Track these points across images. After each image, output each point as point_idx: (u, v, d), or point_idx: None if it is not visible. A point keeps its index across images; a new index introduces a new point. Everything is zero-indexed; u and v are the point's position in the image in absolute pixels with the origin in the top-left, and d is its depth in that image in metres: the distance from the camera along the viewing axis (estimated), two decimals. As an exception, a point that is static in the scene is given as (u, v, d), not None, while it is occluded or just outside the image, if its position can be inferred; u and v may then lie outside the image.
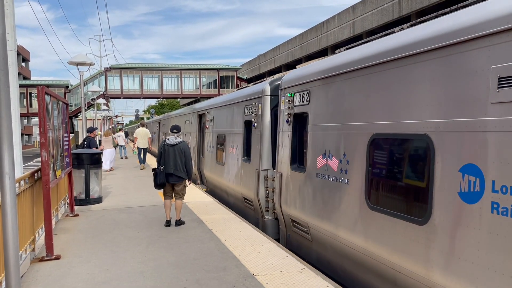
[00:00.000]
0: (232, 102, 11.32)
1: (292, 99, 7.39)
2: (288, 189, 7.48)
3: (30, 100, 51.52)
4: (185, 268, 5.75)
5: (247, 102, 9.90)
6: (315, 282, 5.19)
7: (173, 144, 8.16)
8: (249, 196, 9.48)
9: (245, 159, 9.97)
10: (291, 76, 7.70)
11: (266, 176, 8.65)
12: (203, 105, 15.70)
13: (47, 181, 6.35)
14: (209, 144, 13.89)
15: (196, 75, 54.08)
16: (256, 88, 9.49)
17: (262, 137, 8.82)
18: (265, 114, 8.84)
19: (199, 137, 15.97)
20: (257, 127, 9.08)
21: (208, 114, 14.32)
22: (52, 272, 5.73)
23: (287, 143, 7.60)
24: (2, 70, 3.68)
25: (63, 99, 8.64)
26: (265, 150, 8.72)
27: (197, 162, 15.79)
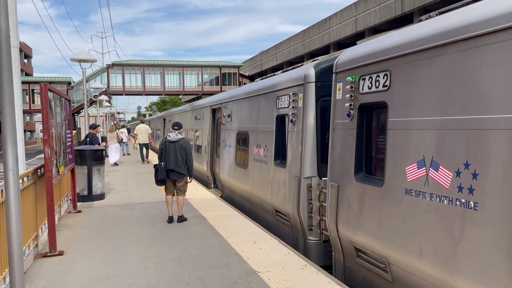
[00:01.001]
0: (259, 93, 9.41)
1: (357, 85, 5.54)
2: (350, 206, 5.61)
3: (32, 96, 51.59)
4: (187, 265, 5.77)
5: (281, 92, 8.06)
6: (317, 278, 5.20)
7: (174, 141, 8.23)
8: (284, 209, 7.69)
9: (278, 163, 8.16)
10: (354, 54, 5.79)
11: (309, 185, 6.97)
12: (218, 98, 13.75)
13: (50, 177, 6.38)
14: (226, 143, 11.91)
15: (198, 72, 54.05)
16: (295, 74, 7.66)
17: (304, 135, 7.07)
18: (309, 106, 7.04)
19: (212, 135, 14.03)
20: (296, 123, 7.36)
21: (224, 108, 12.24)
22: (55, 268, 5.76)
23: (348, 144, 5.70)
24: (5, 67, 3.69)
25: (65, 95, 8.66)
26: (308, 153, 6.99)
27: (210, 163, 14.01)
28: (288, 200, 7.49)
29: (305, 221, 7.05)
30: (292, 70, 8.11)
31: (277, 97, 8.27)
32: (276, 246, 6.60)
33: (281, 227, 8.09)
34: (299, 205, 7.06)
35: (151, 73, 52.67)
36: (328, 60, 7.15)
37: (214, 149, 13.86)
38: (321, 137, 7.04)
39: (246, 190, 10.01)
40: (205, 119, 15.08)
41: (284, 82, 8.04)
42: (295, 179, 7.25)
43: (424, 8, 25.37)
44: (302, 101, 7.19)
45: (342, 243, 5.90)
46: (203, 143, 15.05)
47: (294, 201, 7.20)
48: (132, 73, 52.04)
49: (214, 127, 13.95)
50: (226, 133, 11.96)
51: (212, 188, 13.59)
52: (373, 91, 5.30)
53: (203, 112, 15.41)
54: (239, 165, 10.52)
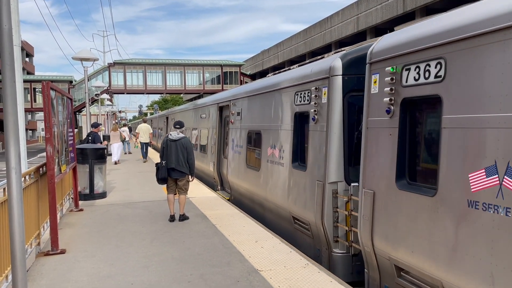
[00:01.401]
0: (273, 88, 8.56)
1: (399, 76, 4.80)
2: (390, 217, 4.80)
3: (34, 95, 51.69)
4: (189, 263, 5.78)
5: (300, 88, 7.28)
6: (319, 277, 5.21)
7: (176, 139, 8.26)
8: (304, 217, 6.94)
9: (297, 165, 7.39)
10: (395, 41, 4.98)
11: (335, 191, 6.19)
12: (226, 95, 12.88)
13: (52, 176, 6.39)
14: (236, 143, 11.09)
15: (200, 70, 54.08)
16: (317, 67, 6.86)
17: (329, 135, 6.30)
18: (334, 102, 6.26)
19: (219, 134, 13.22)
20: (318, 121, 6.60)
21: (233, 105, 11.43)
22: (57, 266, 5.77)
23: (387, 145, 4.93)
24: (8, 65, 3.70)
25: (67, 94, 8.67)
26: (334, 155, 6.22)
27: (217, 164, 13.18)
28: (309, 207, 6.71)
29: (330, 231, 6.26)
30: (314, 63, 7.26)
31: (295, 93, 7.48)
32: (278, 245, 6.61)
33: (300, 237, 7.29)
34: (323, 213, 6.27)
35: (152, 72, 52.71)
36: (357, 50, 6.39)
37: (221, 149, 13.09)
38: (348, 137, 6.28)
39: (258, 194, 9.22)
40: (211, 117, 14.28)
41: (304, 76, 7.24)
42: (318, 184, 6.47)
43: (426, 7, 25.34)
44: (326, 97, 6.42)
45: (379, 259, 5.09)
46: (209, 143, 14.23)
47: (317, 208, 6.43)
48: (133, 72, 52.09)
49: (222, 125, 13.19)
50: (235, 132, 11.19)
51: (219, 190, 12.85)
52: (421, 83, 4.51)
53: (209, 110, 14.60)
54: (250, 167, 9.78)
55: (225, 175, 12.19)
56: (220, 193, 12.23)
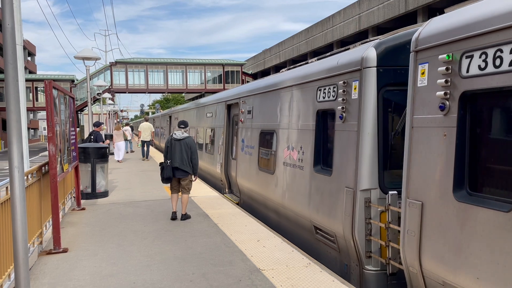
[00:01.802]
0: (291, 84, 7.76)
1: (457, 65, 4.07)
2: (445, 234, 4.04)
3: (36, 94, 51.76)
4: (191, 262, 5.78)
5: (324, 82, 6.53)
6: (321, 276, 5.21)
7: (180, 139, 8.29)
8: (329, 228, 6.15)
9: (320, 169, 6.61)
10: (450, 24, 4.20)
11: (367, 200, 5.44)
12: (235, 92, 12.07)
13: (54, 174, 6.40)
14: (246, 143, 10.37)
15: (201, 70, 54.11)
16: (345, 58, 6.07)
17: (360, 135, 5.54)
18: (367, 98, 5.51)
19: (227, 134, 12.43)
20: (347, 119, 5.86)
21: (243, 103, 10.71)
22: (60, 265, 5.78)
23: (441, 147, 4.16)
24: (11, 64, 3.70)
25: (69, 93, 8.67)
26: (367, 158, 5.46)
27: (224, 165, 12.40)
28: (335, 217, 5.94)
29: (361, 245, 5.47)
30: (340, 54, 6.49)
31: (317, 88, 6.72)
32: (280, 244, 6.60)
33: (323, 249, 6.53)
34: (354, 224, 5.51)
35: (154, 71, 52.76)
36: (393, 38, 5.61)
37: (229, 149, 12.32)
38: (383, 137, 5.51)
39: (272, 200, 8.40)
40: (218, 116, 13.48)
41: (328, 69, 6.46)
42: (347, 191, 5.68)
43: (428, 7, 25.30)
44: (357, 92, 5.68)
45: (429, 283, 4.36)
46: (216, 143, 13.41)
47: (346, 219, 5.67)
48: (135, 71, 52.13)
49: (229, 125, 12.43)
50: (246, 132, 10.48)
51: (226, 194, 12.13)
52: (489, 73, 3.77)
53: (216, 109, 13.80)
54: (263, 170, 8.98)
55: (233, 177, 11.47)
56: (228, 196, 11.68)
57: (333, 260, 6.27)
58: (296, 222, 7.39)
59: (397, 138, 5.44)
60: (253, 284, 4.97)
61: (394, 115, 5.50)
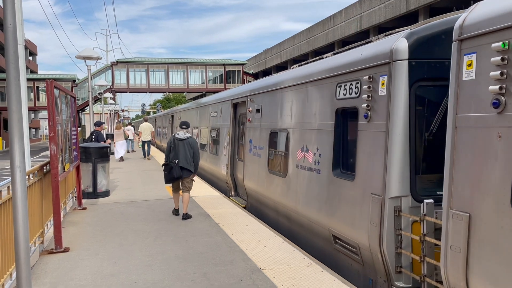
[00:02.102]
0: (306, 80, 7.15)
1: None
2: (503, 253, 3.48)
3: (37, 94, 51.78)
4: (192, 262, 5.78)
5: (345, 78, 5.94)
6: (322, 276, 5.20)
7: (183, 139, 8.43)
8: (351, 238, 5.59)
9: (339, 173, 6.07)
10: (504, 7, 3.63)
11: (397, 208, 4.87)
12: (242, 89, 11.52)
13: (56, 174, 6.40)
14: (254, 144, 9.81)
15: (202, 69, 54.09)
16: (371, 51, 5.50)
17: (389, 136, 4.97)
18: (398, 94, 4.95)
19: (233, 134, 11.88)
20: (373, 118, 5.30)
21: (251, 102, 10.13)
22: (61, 264, 5.79)
23: (494, 150, 3.63)
24: (12, 64, 3.71)
25: (71, 93, 8.68)
26: (397, 161, 4.90)
27: (230, 167, 11.81)
28: (359, 227, 5.39)
29: (390, 259, 4.92)
30: (364, 47, 5.91)
31: (337, 85, 6.14)
32: (281, 244, 6.60)
33: (344, 261, 5.98)
34: (382, 236, 4.95)
35: (155, 71, 52.75)
36: (428, 27, 5.03)
37: (235, 150, 11.76)
38: (415, 138, 4.96)
39: (284, 205, 7.86)
40: (224, 115, 12.89)
41: (350, 63, 5.88)
42: (373, 198, 5.14)
43: (429, 6, 25.27)
44: (385, 88, 5.11)
45: None
46: (221, 143, 12.83)
47: (372, 229, 5.13)
48: (136, 71, 52.14)
49: (236, 124, 11.88)
50: (254, 132, 9.90)
51: (232, 196, 11.60)
52: None
53: (221, 108, 13.20)
54: (274, 172, 8.44)
55: (240, 179, 10.91)
56: (234, 199, 11.09)
57: (355, 273, 5.73)
58: (311, 230, 6.85)
59: (431, 140, 4.90)
60: (254, 284, 4.97)
61: (427, 114, 4.93)
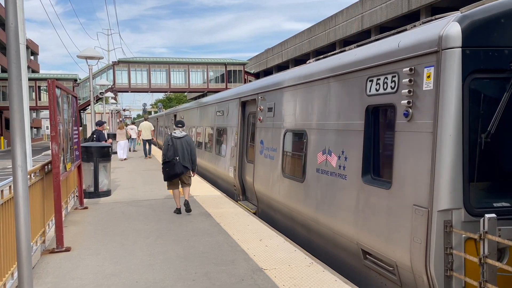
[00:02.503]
0: (329, 75, 6.38)
1: None
2: None
3: (39, 93, 51.82)
4: (194, 261, 5.79)
5: (378, 71, 5.19)
6: (324, 276, 5.20)
7: (180, 137, 8.76)
8: (386, 255, 4.91)
9: (370, 180, 5.33)
10: None
11: (448, 223, 4.21)
12: (251, 87, 10.76)
13: (57, 173, 6.41)
14: (266, 145, 9.02)
15: (204, 69, 54.08)
16: (413, 38, 4.74)
17: (438, 138, 4.25)
18: (448, 89, 4.22)
19: (242, 134, 11.17)
20: (414, 117, 4.57)
21: (262, 100, 9.39)
22: (62, 263, 5.80)
23: None
24: (14, 63, 3.71)
25: (72, 92, 8.69)
26: (447, 168, 4.21)
27: (238, 169, 11.13)
28: (397, 242, 4.72)
29: (439, 282, 4.24)
30: (400, 35, 5.14)
31: (367, 79, 5.41)
32: (282, 243, 6.60)
33: (375, 280, 5.31)
34: (428, 255, 4.29)
35: (156, 70, 52.76)
36: (484, 9, 4.27)
37: (243, 151, 11.06)
38: (469, 140, 4.24)
39: (301, 213, 7.16)
40: (231, 114, 12.19)
41: (384, 54, 5.14)
42: (416, 210, 4.44)
43: (431, 6, 25.24)
44: (432, 81, 4.37)
45: None
46: (229, 144, 12.11)
47: (415, 246, 4.45)
48: (137, 70, 52.15)
49: (244, 124, 11.16)
50: (266, 132, 9.14)
51: (240, 201, 10.93)
52: None
53: (228, 106, 12.48)
54: (289, 177, 7.72)
55: (250, 183, 10.22)
56: (242, 204, 10.45)
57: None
58: (335, 242, 6.15)
59: (489, 142, 4.25)
60: (256, 284, 4.97)
61: (484, 111, 4.26)
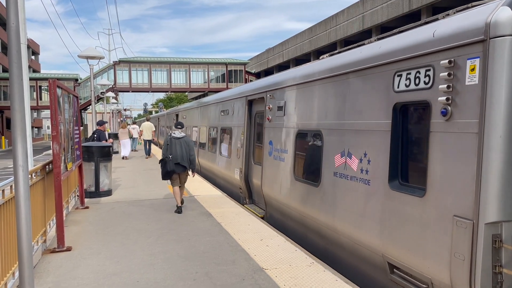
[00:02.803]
0: (348, 70, 5.84)
1: None
2: None
3: (39, 93, 51.84)
4: (194, 261, 5.79)
5: (408, 64, 4.69)
6: (324, 276, 5.20)
7: (179, 137, 9.14)
8: (419, 271, 4.41)
9: (401, 186, 4.80)
10: None
11: (497, 237, 3.76)
12: (258, 85, 10.14)
13: (58, 173, 6.41)
14: (276, 146, 8.46)
15: (205, 69, 54.08)
16: (452, 26, 4.21)
17: (485, 140, 3.76)
18: (498, 84, 3.72)
19: (248, 134, 10.59)
20: (455, 115, 4.08)
21: (271, 98, 8.81)
22: (63, 263, 5.80)
23: None
24: (15, 63, 3.71)
25: (73, 92, 8.69)
26: (496, 174, 3.74)
27: (244, 171, 10.58)
28: (433, 257, 4.21)
29: None
30: (437, 23, 4.55)
31: (396, 73, 4.88)
32: (283, 243, 6.60)
33: None
34: (473, 273, 3.80)
35: (157, 70, 52.78)
36: None
37: (250, 152, 10.50)
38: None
39: (316, 219, 6.63)
40: (236, 113, 11.62)
41: (417, 45, 4.58)
42: (458, 222, 3.93)
43: (432, 6, 25.22)
44: (477, 75, 3.87)
45: None
46: (234, 145, 11.57)
47: (457, 263, 3.96)
48: (138, 70, 52.17)
49: (251, 124, 10.59)
50: (275, 132, 8.55)
51: (247, 204, 10.45)
52: None
53: (234, 105, 11.92)
54: (302, 180, 7.19)
55: (257, 186, 9.65)
56: (249, 208, 9.91)
57: None
58: (356, 253, 5.63)
59: None
60: (257, 283, 4.97)
61: None
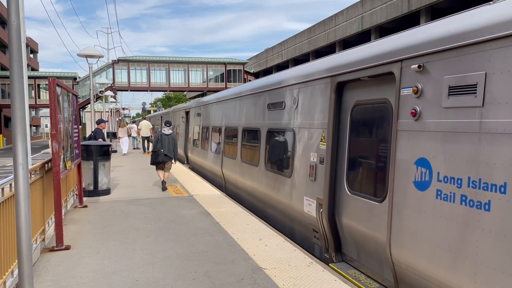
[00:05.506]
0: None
1: None
2: None
3: (38, 91, 51.75)
4: (193, 260, 5.79)
5: None
6: (324, 276, 5.21)
7: (168, 134, 11.56)
8: None
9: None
10: None
11: None
12: (366, 53, 5.46)
13: (57, 172, 6.41)
14: (444, 172, 3.92)
15: (203, 68, 54.07)
16: None
17: None
18: None
19: (336, 142, 6.24)
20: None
21: (419, 73, 4.34)
22: (62, 262, 5.79)
23: None
24: (16, 61, 3.71)
25: (73, 90, 8.68)
26: None
27: (328, 204, 6.28)
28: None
29: None
30: None
31: None
32: (282, 243, 6.61)
33: None
34: None
35: (156, 69, 52.74)
36: None
37: (342, 174, 6.10)
38: None
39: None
40: (304, 106, 7.15)
41: None
42: None
43: (431, 7, 25.25)
44: None
45: None
46: (298, 158, 7.32)
47: None
48: (137, 69, 52.13)
49: (342, 123, 6.16)
50: (443, 143, 4.07)
51: (334, 263, 6.34)
52: None
53: (299, 94, 7.40)
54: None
55: (371, 239, 5.37)
56: (336, 268, 6.03)
57: None
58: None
59: None
60: (256, 283, 4.97)
61: None
